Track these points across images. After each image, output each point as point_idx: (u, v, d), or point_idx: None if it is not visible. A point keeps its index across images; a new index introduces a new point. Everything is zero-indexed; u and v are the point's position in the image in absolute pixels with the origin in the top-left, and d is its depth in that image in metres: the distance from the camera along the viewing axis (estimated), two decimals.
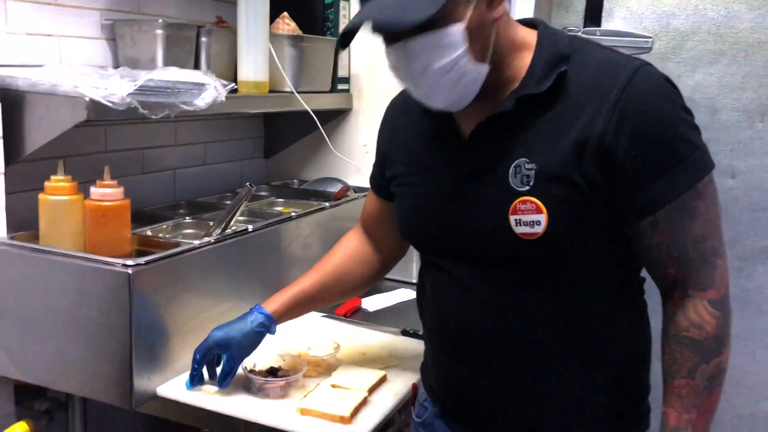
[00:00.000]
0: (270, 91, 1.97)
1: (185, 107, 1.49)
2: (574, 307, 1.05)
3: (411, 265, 2.10)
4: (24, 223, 1.50)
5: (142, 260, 1.29)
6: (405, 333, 1.69)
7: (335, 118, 2.34)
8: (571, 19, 2.23)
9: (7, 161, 1.43)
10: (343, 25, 2.25)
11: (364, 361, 1.51)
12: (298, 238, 1.82)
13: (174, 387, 1.37)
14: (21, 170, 1.49)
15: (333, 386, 1.37)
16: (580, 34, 2.17)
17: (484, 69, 1.00)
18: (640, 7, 2.13)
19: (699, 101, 2.08)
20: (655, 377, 1.12)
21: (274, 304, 1.35)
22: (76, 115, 1.36)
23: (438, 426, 1.23)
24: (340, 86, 2.28)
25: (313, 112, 2.06)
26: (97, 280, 1.29)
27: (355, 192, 2.18)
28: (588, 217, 1.00)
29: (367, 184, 1.39)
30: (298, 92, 2.01)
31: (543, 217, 0.99)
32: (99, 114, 1.36)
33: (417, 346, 1.61)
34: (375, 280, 1.45)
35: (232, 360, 1.32)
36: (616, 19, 2.16)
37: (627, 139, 0.95)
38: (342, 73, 2.28)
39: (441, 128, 1.10)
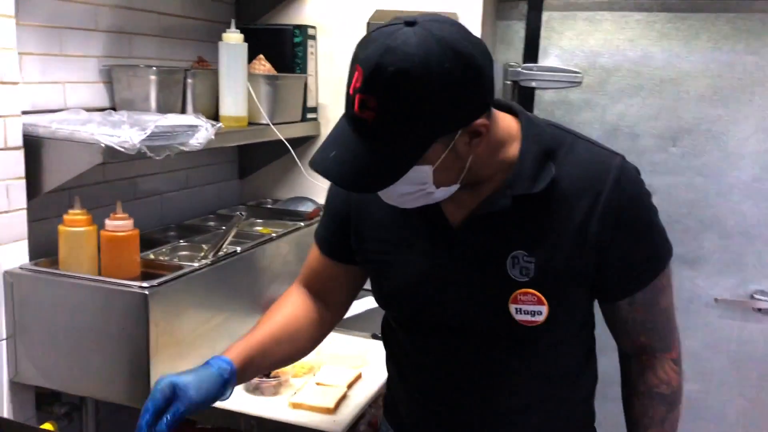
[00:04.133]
0: (248, 124, 2.22)
1: (183, 148, 1.73)
2: (553, 367, 1.18)
3: None
4: (41, 248, 1.72)
5: (155, 282, 1.53)
6: (375, 337, 1.97)
7: (305, 143, 2.59)
8: (511, 55, 2.53)
9: (29, 197, 1.64)
10: (310, 61, 2.50)
11: (342, 361, 1.78)
12: (279, 256, 2.07)
13: None
14: (36, 202, 1.70)
15: (318, 384, 1.63)
16: (519, 69, 2.48)
17: (453, 188, 1.05)
18: (571, 46, 2.44)
19: (623, 128, 2.40)
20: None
21: (230, 351, 1.18)
22: (92, 159, 1.59)
23: None
24: (309, 115, 2.54)
25: (286, 139, 2.32)
26: (117, 300, 1.52)
27: None
28: (579, 301, 1.13)
29: None
30: (273, 124, 2.26)
31: (544, 308, 1.07)
32: (112, 157, 1.58)
33: None
34: (320, 340, 1.34)
35: (181, 405, 1.06)
36: (550, 56, 2.47)
37: (621, 238, 1.07)
38: (311, 103, 2.54)
39: (426, 213, 1.11)
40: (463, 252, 1.11)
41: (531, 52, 2.46)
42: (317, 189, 2.62)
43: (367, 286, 2.26)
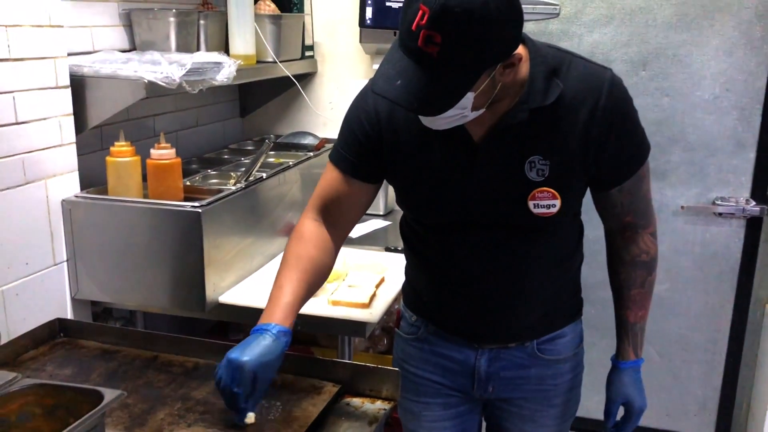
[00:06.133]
0: (256, 62, 2.37)
1: (213, 82, 1.89)
2: (557, 248, 1.40)
3: (378, 200, 2.60)
4: (85, 180, 1.88)
5: (204, 202, 1.72)
6: (388, 249, 2.20)
7: (304, 79, 2.76)
8: None
9: (77, 132, 1.80)
10: (307, 1, 2.65)
11: (365, 269, 2.00)
12: (294, 183, 2.26)
13: (229, 295, 1.82)
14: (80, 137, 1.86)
15: (350, 286, 1.86)
16: None
17: (481, 111, 1.21)
18: None
19: (597, 55, 2.62)
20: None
21: (284, 318, 1.27)
22: (136, 94, 1.75)
23: (434, 341, 1.50)
24: (307, 53, 2.70)
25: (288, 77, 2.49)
26: (171, 220, 1.71)
27: (328, 143, 2.63)
28: (580, 192, 1.36)
29: (334, 136, 1.43)
30: (278, 61, 2.42)
31: (558, 201, 1.29)
32: (154, 92, 1.75)
33: (399, 258, 2.11)
34: (333, 267, 1.46)
35: (266, 383, 1.22)
36: None
37: (614, 138, 1.27)
38: (308, 42, 2.70)
39: (450, 131, 1.25)
40: (486, 161, 1.29)
41: None
42: (316, 122, 2.80)
43: (371, 210, 2.51)
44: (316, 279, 1.38)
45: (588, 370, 1.61)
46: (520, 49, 1.20)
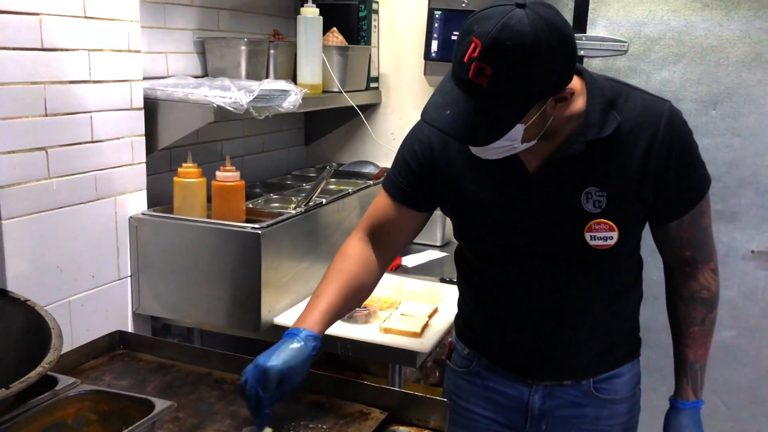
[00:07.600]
0: (322, 92, 2.43)
1: (279, 109, 1.95)
2: (615, 281, 1.37)
3: (435, 230, 2.60)
4: (153, 199, 1.95)
5: (264, 224, 1.76)
6: (443, 280, 2.19)
7: (368, 110, 2.80)
8: None
9: (147, 152, 1.87)
10: (373, 33, 2.71)
11: (419, 298, 2.00)
12: (353, 209, 2.29)
13: (284, 317, 1.84)
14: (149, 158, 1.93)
15: (402, 314, 1.85)
16: None
17: (532, 143, 1.21)
18: (617, 16, 2.61)
19: (666, 93, 2.58)
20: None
21: (315, 324, 1.30)
22: (205, 118, 1.82)
23: (487, 375, 1.48)
24: (372, 84, 2.75)
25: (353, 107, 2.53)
26: (232, 240, 1.75)
27: None
28: (640, 224, 1.34)
29: None
30: (344, 92, 2.47)
31: (615, 234, 1.27)
32: (222, 116, 1.81)
33: (453, 289, 2.10)
34: (376, 286, 1.48)
35: (291, 387, 1.24)
36: (598, 27, 2.65)
37: (672, 169, 1.25)
38: (373, 73, 2.75)
39: (505, 162, 1.27)
40: (541, 192, 1.29)
41: (580, 23, 2.63)
42: (378, 152, 2.84)
43: (424, 240, 2.51)
44: (355, 294, 1.41)
45: (648, 415, 1.56)
46: (576, 83, 1.20)
